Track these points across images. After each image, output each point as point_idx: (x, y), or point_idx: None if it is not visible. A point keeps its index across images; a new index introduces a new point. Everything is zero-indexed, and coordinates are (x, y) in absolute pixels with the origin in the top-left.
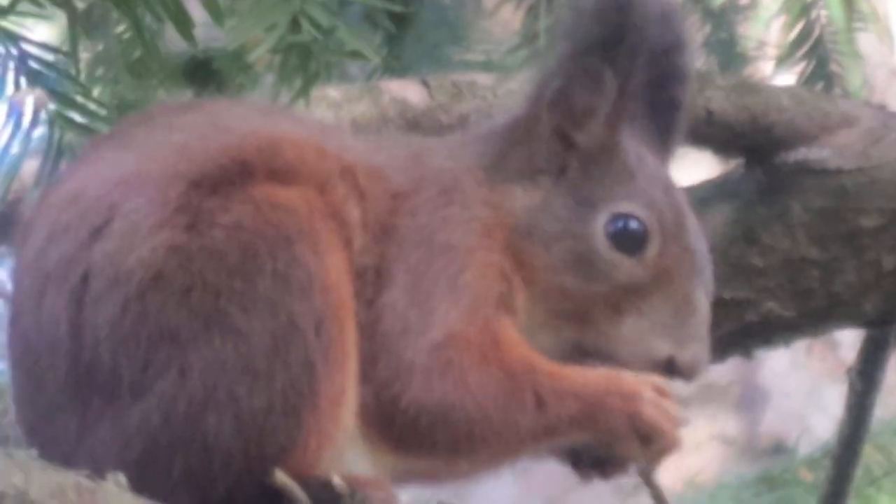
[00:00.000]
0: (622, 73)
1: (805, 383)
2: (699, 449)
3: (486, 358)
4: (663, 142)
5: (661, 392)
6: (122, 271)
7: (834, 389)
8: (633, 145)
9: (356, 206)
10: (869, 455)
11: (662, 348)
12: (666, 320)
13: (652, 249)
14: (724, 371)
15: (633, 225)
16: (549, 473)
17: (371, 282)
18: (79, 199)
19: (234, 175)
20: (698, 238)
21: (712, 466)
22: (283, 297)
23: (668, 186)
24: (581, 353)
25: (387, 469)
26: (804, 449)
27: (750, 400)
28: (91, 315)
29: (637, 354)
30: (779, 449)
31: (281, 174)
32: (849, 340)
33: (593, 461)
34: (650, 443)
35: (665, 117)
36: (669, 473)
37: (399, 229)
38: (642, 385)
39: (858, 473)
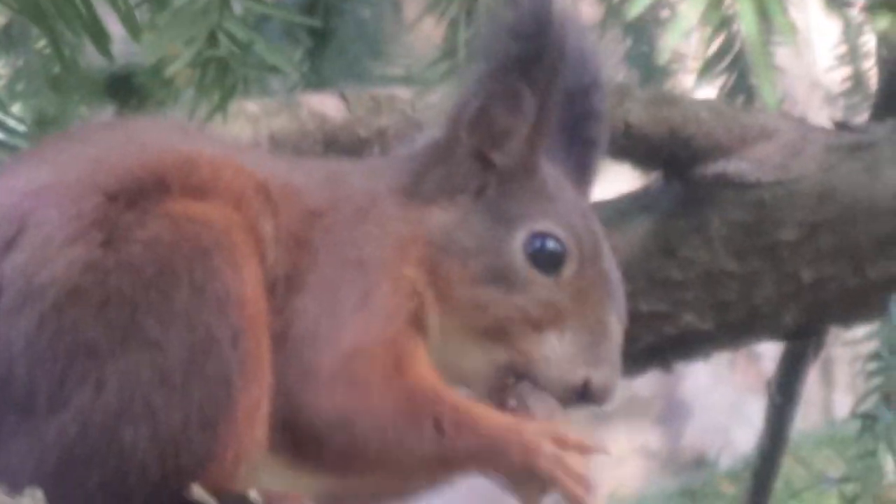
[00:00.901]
0: (541, 92)
1: (727, 397)
2: (621, 462)
3: (389, 376)
4: (581, 179)
5: (562, 444)
6: (36, 285)
7: (756, 402)
8: (552, 173)
9: (269, 222)
10: (790, 467)
11: (578, 371)
12: (581, 342)
13: (569, 270)
14: (647, 384)
15: (551, 244)
16: None
17: (282, 292)
18: None
19: (150, 189)
20: (613, 266)
21: (634, 479)
22: (199, 310)
23: (585, 213)
24: (508, 375)
25: (302, 488)
26: (726, 462)
27: (672, 413)
28: (4, 329)
29: (556, 373)
30: (701, 462)
31: (197, 190)
32: (771, 353)
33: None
34: (547, 489)
35: (582, 155)
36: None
37: (313, 243)
38: (541, 438)
39: (779, 486)
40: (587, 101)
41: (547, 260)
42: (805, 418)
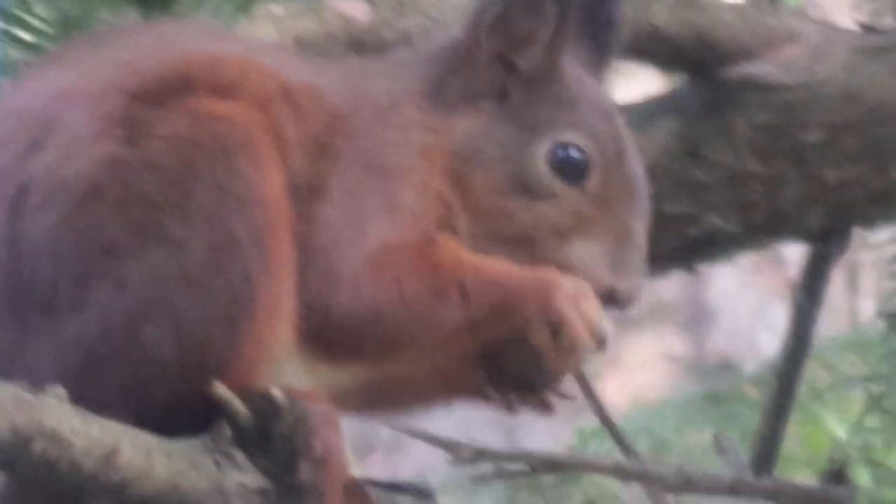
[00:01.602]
0: None
1: (752, 301)
2: (646, 367)
3: (419, 259)
4: (599, 61)
5: (580, 290)
6: (60, 183)
7: (781, 307)
8: (574, 69)
9: (294, 125)
10: (814, 371)
11: (603, 277)
12: (606, 249)
13: (593, 179)
14: (671, 289)
15: (575, 154)
16: None
17: (306, 198)
18: (19, 114)
19: (174, 88)
20: (637, 166)
21: (659, 384)
22: (221, 208)
23: (608, 112)
24: None
25: (324, 386)
26: (751, 367)
27: (697, 318)
28: (29, 228)
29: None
30: (726, 367)
31: (222, 89)
32: (796, 258)
33: (512, 385)
34: (559, 335)
35: (601, 36)
36: (615, 391)
37: (336, 149)
38: (564, 279)
39: (803, 389)
40: None
41: (571, 170)
42: (831, 325)
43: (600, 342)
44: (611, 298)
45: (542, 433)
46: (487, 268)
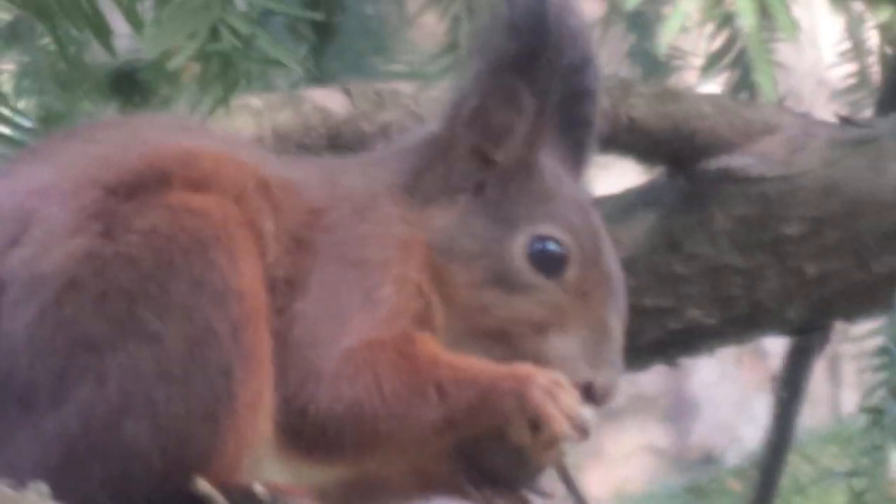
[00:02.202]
0: (540, 89)
1: (735, 394)
2: (628, 459)
3: (397, 357)
4: (575, 160)
5: (556, 383)
6: (38, 277)
7: (763, 400)
8: (550, 165)
9: (270, 219)
10: (796, 464)
11: (582, 373)
12: (583, 343)
13: (571, 272)
14: (654, 381)
15: (553, 247)
16: None
17: (283, 292)
18: None
19: (150, 182)
20: (614, 262)
21: (642, 477)
22: (198, 301)
23: (584, 208)
24: None
25: (305, 482)
26: (733, 459)
27: (679, 410)
28: (6, 323)
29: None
30: (708, 459)
31: (197, 184)
32: (778, 350)
33: (492, 483)
34: (539, 430)
35: (576, 135)
36: (598, 483)
37: (313, 244)
38: (537, 372)
39: (785, 482)
40: (580, 80)
41: (549, 262)
42: (813, 416)
43: (582, 431)
44: (588, 393)
45: None
46: (464, 366)
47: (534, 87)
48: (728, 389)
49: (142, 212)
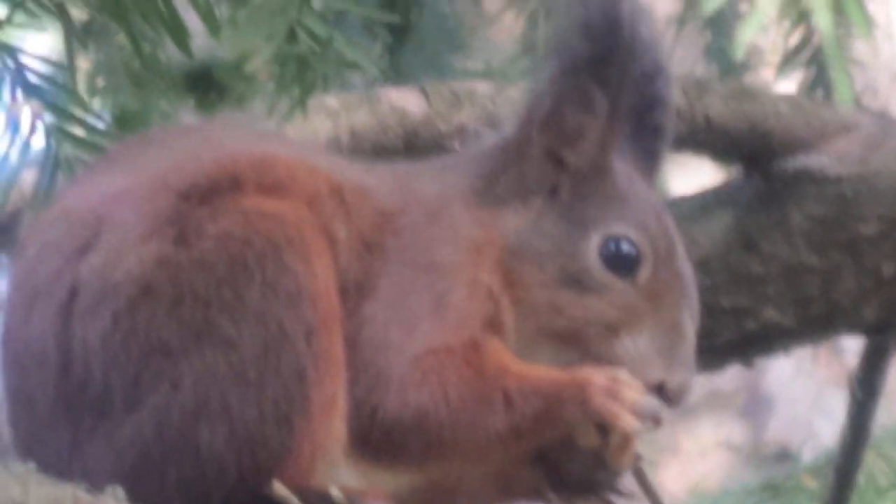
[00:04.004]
0: (613, 92)
1: (810, 390)
2: (704, 456)
3: (464, 365)
4: (647, 167)
5: (615, 381)
6: (111, 285)
7: (839, 396)
8: (623, 168)
9: (343, 224)
10: (872, 463)
11: (654, 373)
12: (656, 345)
13: (644, 273)
14: (730, 378)
15: (626, 248)
16: None
17: (354, 296)
18: (69, 216)
19: (223, 187)
20: (686, 264)
21: (717, 473)
22: (272, 305)
23: (658, 211)
24: None
25: (379, 486)
26: (809, 456)
27: (755, 407)
28: (80, 330)
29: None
30: (784, 456)
31: (271, 189)
32: (854, 347)
33: (572, 487)
34: (607, 433)
35: (648, 143)
36: (674, 479)
37: (384, 247)
38: (595, 374)
39: (862, 481)
40: (652, 88)
41: (622, 264)
42: (890, 413)
43: (654, 420)
44: (660, 393)
45: None
46: (529, 375)
47: (607, 89)
48: (804, 385)
49: (215, 217)
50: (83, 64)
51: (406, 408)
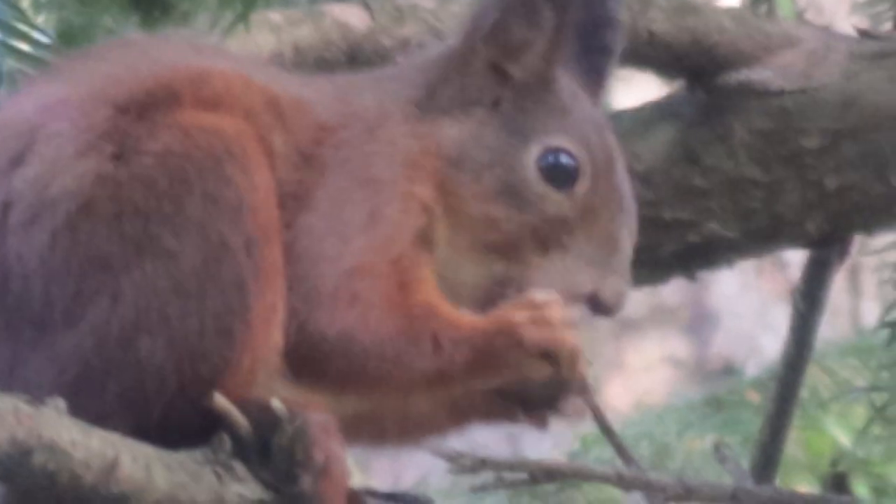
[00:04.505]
0: (559, 5)
1: (755, 305)
2: (649, 371)
3: (390, 295)
4: (593, 86)
5: (533, 307)
6: (47, 199)
7: (784, 310)
8: (568, 84)
9: (280, 136)
10: (815, 377)
11: (586, 283)
12: (590, 256)
13: (582, 185)
14: (674, 293)
15: (565, 160)
16: None
17: (291, 208)
18: (2, 127)
19: (161, 101)
20: (626, 179)
21: (662, 388)
22: (213, 217)
23: (600, 126)
24: (505, 288)
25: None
26: (754, 371)
27: (700, 322)
28: (15, 245)
29: (560, 289)
30: (728, 371)
31: (208, 102)
32: (798, 261)
33: (541, 404)
34: (555, 358)
35: (595, 62)
36: (618, 395)
37: (322, 160)
38: (513, 313)
39: (805, 395)
40: (601, 7)
41: (560, 175)
42: (834, 327)
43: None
44: (595, 304)
45: (544, 439)
46: (460, 323)
47: (553, 2)
48: (748, 300)
49: (153, 133)
50: None
51: (333, 325)
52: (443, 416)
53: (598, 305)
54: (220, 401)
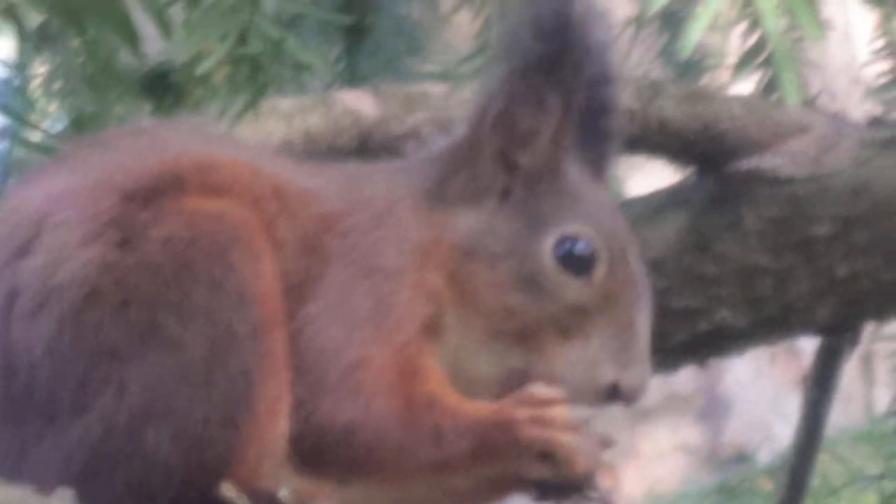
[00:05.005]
0: (565, 91)
1: (768, 392)
2: (662, 458)
3: (394, 386)
4: (597, 172)
5: (536, 403)
6: (53, 287)
7: (797, 398)
8: (575, 170)
9: (286, 226)
10: (827, 464)
11: (607, 373)
12: (610, 344)
13: (599, 272)
14: (687, 380)
15: (581, 246)
16: None
17: (296, 298)
18: (11, 216)
19: (166, 189)
20: (640, 264)
21: (675, 476)
22: (218, 305)
23: (611, 210)
24: (520, 379)
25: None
26: (767, 458)
27: (713, 409)
28: (22, 334)
29: (581, 379)
30: (742, 458)
31: (214, 190)
32: (812, 349)
33: (555, 488)
34: (550, 457)
35: (598, 149)
36: (632, 482)
37: (328, 249)
38: (513, 409)
39: (816, 483)
40: (603, 93)
41: (577, 262)
42: (847, 415)
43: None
44: (615, 393)
45: None
46: (462, 413)
47: (559, 89)
48: (762, 388)
49: (159, 219)
50: (42, 68)
51: (337, 418)
52: (482, 493)
53: (620, 395)
54: (229, 490)
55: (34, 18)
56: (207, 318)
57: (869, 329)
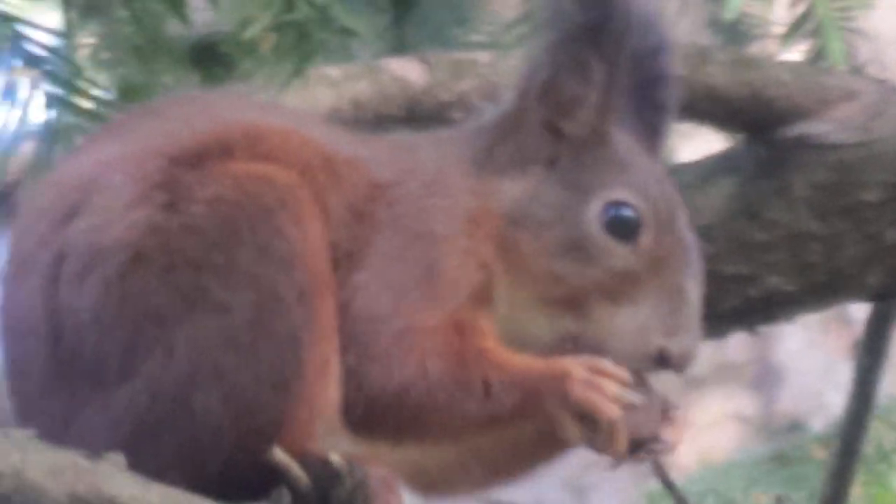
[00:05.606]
0: (609, 59)
1: (820, 361)
2: (714, 428)
3: (445, 346)
4: (651, 143)
5: (596, 371)
6: (99, 250)
7: (849, 366)
8: (624, 139)
9: (334, 195)
10: (880, 431)
11: (654, 339)
12: (658, 310)
13: (646, 238)
14: (740, 350)
15: (628, 212)
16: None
17: (345, 266)
18: (60, 183)
19: (215, 154)
20: (688, 230)
21: (728, 445)
22: (264, 268)
23: (659, 177)
24: (573, 345)
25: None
26: (819, 427)
27: (765, 378)
28: (69, 297)
29: (629, 345)
30: (794, 427)
31: (262, 158)
32: (863, 317)
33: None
34: (592, 423)
35: (652, 119)
36: (683, 451)
37: (376, 217)
38: (573, 365)
39: (869, 450)
40: (655, 64)
41: (623, 228)
42: None
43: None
44: (663, 360)
45: (611, 494)
46: (511, 365)
47: (603, 57)
48: (814, 357)
49: (205, 181)
50: (89, 39)
51: (389, 383)
52: (507, 461)
53: (667, 361)
54: (280, 455)
55: None
56: (253, 281)
57: None
